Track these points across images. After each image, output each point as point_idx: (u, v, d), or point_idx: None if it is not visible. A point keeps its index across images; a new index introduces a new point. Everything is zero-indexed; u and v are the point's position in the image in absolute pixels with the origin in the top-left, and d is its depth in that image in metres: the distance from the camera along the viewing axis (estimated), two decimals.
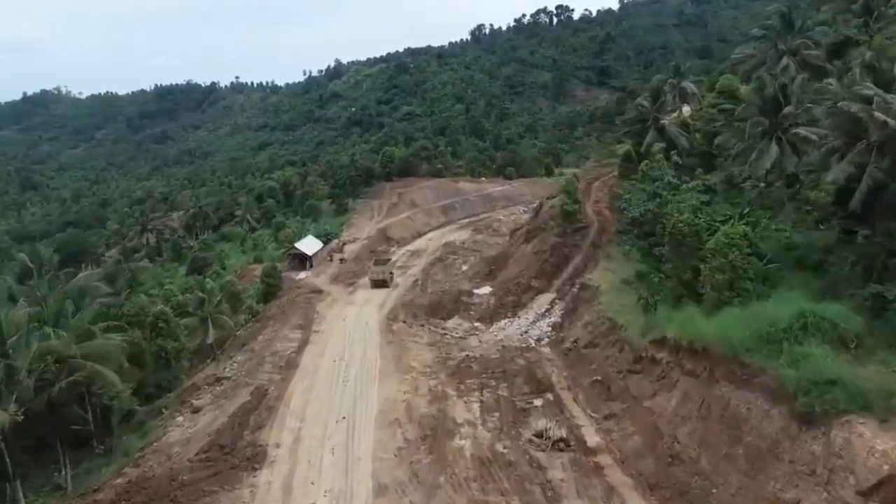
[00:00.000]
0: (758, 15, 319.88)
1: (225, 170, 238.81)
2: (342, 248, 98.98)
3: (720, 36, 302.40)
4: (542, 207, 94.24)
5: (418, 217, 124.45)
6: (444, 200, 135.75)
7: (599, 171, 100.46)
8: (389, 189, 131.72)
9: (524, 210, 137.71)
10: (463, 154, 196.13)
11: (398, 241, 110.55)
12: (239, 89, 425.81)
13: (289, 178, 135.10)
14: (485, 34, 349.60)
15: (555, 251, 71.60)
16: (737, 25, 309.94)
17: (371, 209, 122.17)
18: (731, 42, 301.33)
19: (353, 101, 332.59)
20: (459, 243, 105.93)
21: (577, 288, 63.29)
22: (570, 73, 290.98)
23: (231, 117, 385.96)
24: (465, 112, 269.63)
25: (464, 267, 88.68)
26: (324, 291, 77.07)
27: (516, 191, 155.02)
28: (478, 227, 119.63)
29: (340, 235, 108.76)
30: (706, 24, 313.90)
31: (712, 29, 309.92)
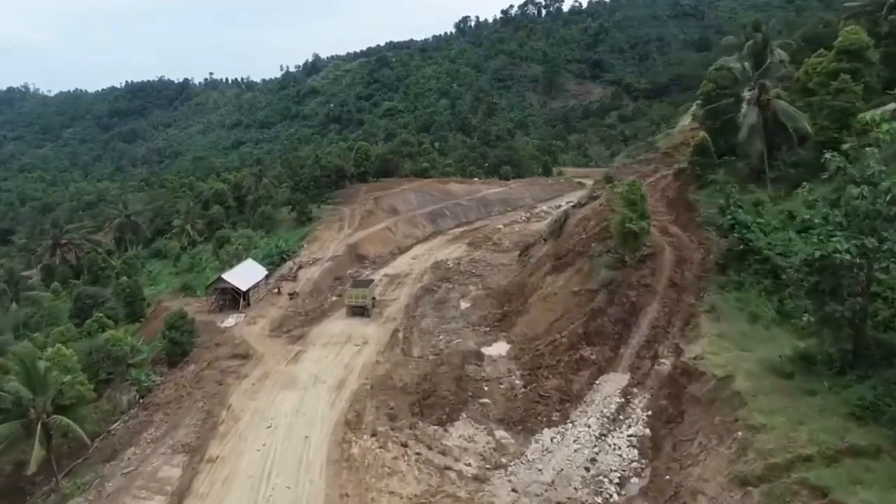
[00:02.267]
0: (756, 5, 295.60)
1: (187, 170, 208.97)
2: (295, 275, 70.77)
3: (717, 28, 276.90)
4: (567, 219, 66.70)
5: (399, 227, 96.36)
6: (430, 206, 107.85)
7: (638, 169, 72.90)
8: (364, 192, 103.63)
9: (526, 217, 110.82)
10: (450, 151, 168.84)
11: (373, 261, 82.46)
12: (213, 86, 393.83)
13: (240, 179, 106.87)
14: (470, 27, 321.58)
15: (613, 294, 43.92)
16: (734, 16, 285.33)
17: (340, 218, 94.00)
18: (729, 34, 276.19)
19: (332, 96, 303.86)
20: (453, 264, 78.18)
21: (670, 368, 35.84)
22: (562, 66, 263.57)
23: (204, 115, 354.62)
24: (450, 107, 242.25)
25: (462, 304, 60.85)
26: (253, 355, 48.74)
27: (514, 193, 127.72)
28: (474, 241, 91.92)
29: (298, 254, 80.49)
30: (702, 15, 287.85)
31: (709, 21, 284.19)
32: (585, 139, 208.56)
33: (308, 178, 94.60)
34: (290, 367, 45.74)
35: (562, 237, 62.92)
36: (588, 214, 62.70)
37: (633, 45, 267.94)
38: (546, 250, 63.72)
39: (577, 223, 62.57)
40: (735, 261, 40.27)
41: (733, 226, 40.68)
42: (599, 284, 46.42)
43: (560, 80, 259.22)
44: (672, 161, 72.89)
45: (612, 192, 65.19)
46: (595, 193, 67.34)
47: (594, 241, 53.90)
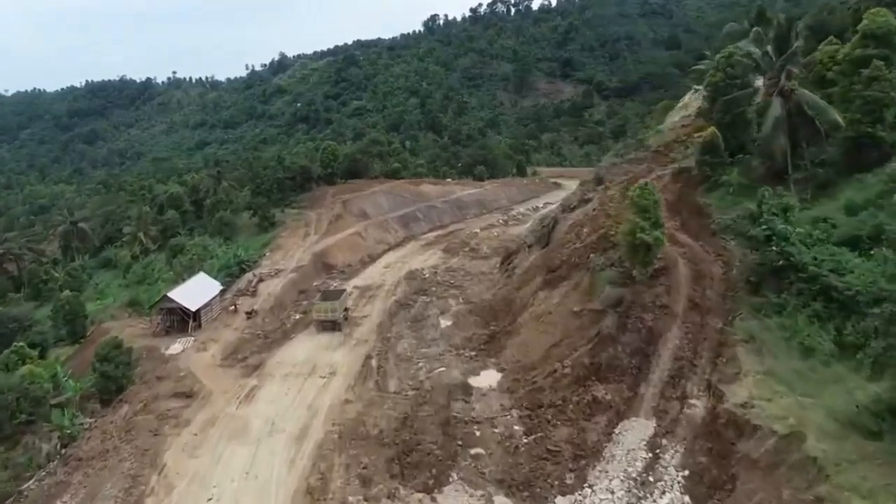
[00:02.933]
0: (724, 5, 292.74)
1: (148, 172, 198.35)
2: (255, 289, 62.76)
3: (686, 27, 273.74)
4: (556, 225, 59.71)
5: (370, 233, 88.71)
6: (403, 208, 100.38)
7: (629, 169, 66.11)
8: (332, 195, 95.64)
9: (503, 219, 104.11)
10: (422, 151, 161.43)
11: (342, 271, 74.81)
12: (176, 85, 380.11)
13: (198, 182, 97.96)
14: (439, 25, 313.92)
15: (624, 317, 36.88)
16: (702, 15, 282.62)
17: (306, 223, 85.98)
18: (698, 33, 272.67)
19: (299, 96, 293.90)
20: (429, 273, 70.95)
21: (704, 412, 28.99)
22: (532, 64, 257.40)
23: (167, 115, 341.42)
24: (420, 106, 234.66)
25: (443, 322, 53.55)
26: (199, 393, 40.82)
27: (489, 194, 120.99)
28: (450, 246, 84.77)
29: (259, 264, 72.45)
30: (671, 14, 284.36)
31: (677, 19, 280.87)
32: (559, 138, 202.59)
33: (270, 181, 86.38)
34: (243, 410, 37.86)
35: (551, 245, 55.94)
36: (580, 220, 55.79)
37: (603, 44, 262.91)
38: (534, 260, 56.63)
39: (569, 230, 55.62)
40: (772, 278, 33.50)
41: (770, 237, 33.88)
42: (605, 304, 39.39)
43: (531, 79, 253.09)
44: (665, 160, 66.33)
45: (605, 194, 58.61)
46: (586, 196, 60.52)
47: (592, 251, 46.95)
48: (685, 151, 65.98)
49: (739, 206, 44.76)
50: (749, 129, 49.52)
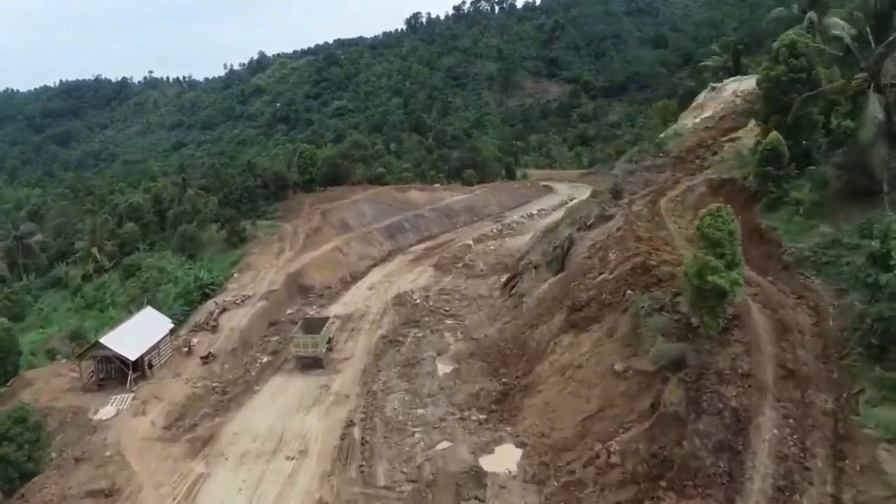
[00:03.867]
0: (711, 3, 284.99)
1: (118, 175, 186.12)
2: (216, 322, 52.13)
3: (672, 25, 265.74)
4: (572, 246, 49.78)
5: (352, 247, 78.42)
6: (388, 218, 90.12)
7: (650, 178, 56.35)
8: (310, 205, 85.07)
9: (497, 229, 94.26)
10: (406, 153, 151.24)
11: (320, 294, 64.56)
12: (153, 85, 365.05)
13: (161, 190, 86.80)
14: (422, 23, 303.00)
15: (693, 388, 26.96)
16: (689, 14, 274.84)
17: (280, 238, 75.42)
18: (685, 32, 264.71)
19: (278, 96, 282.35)
20: (419, 297, 61.04)
21: None
22: (518, 63, 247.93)
23: (143, 115, 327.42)
24: (403, 106, 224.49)
25: (440, 367, 43.54)
26: (124, 488, 30.29)
27: (480, 201, 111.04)
28: (442, 262, 74.90)
29: (225, 287, 61.90)
30: (657, 12, 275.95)
31: (663, 18, 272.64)
32: (547, 139, 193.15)
33: (240, 190, 75.66)
34: None
35: (568, 272, 46.06)
36: (602, 242, 45.92)
37: (589, 43, 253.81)
38: (548, 290, 46.71)
39: (589, 253, 45.76)
40: None
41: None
42: (658, 363, 29.63)
43: (516, 78, 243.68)
44: (690, 168, 56.86)
45: (630, 211, 48.83)
46: (606, 212, 50.59)
47: (628, 285, 37.09)
48: (714, 158, 56.66)
49: (815, 231, 35.21)
50: (812, 132, 40.01)
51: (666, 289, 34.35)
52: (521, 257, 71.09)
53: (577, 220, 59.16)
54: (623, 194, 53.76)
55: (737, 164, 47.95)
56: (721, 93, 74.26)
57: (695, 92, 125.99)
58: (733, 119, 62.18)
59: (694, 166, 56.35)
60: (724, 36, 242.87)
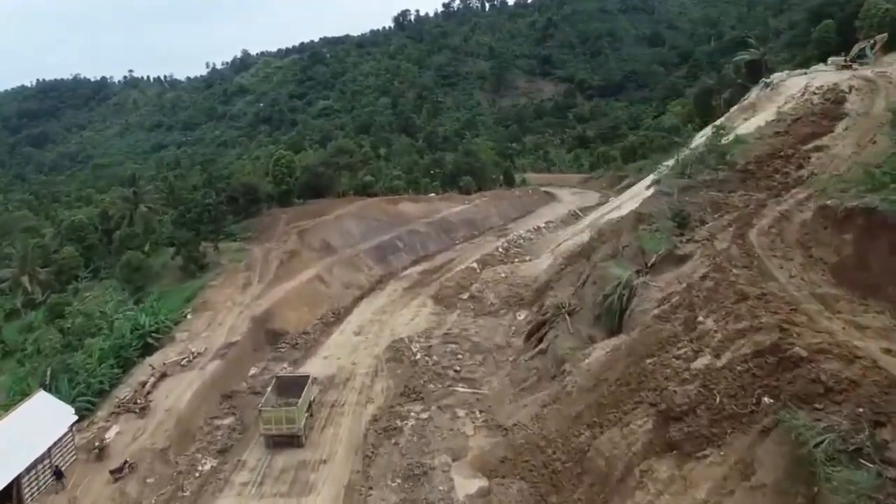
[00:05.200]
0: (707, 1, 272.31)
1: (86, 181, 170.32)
2: (146, 400, 37.49)
3: (668, 23, 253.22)
4: (632, 297, 35.73)
5: (335, 274, 64.27)
6: (378, 236, 76.14)
7: (718, 199, 42.25)
8: (286, 222, 70.66)
9: (503, 247, 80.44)
10: (396, 157, 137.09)
11: (295, 343, 50.26)
12: (133, 84, 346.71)
13: (108, 206, 71.40)
14: (410, 21, 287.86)
15: None
16: (684, 11, 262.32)
17: (248, 266, 61.03)
18: (681, 29, 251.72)
19: (262, 95, 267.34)
20: (420, 349, 47.35)
21: None
22: (510, 62, 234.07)
23: (123, 116, 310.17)
24: (391, 106, 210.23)
25: (460, 486, 29.47)
26: None
27: (479, 212, 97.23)
28: (443, 293, 61.21)
29: (173, 338, 47.50)
30: (653, 10, 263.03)
31: (659, 15, 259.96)
32: (543, 140, 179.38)
33: (199, 207, 61.10)
34: None
35: (637, 339, 31.96)
36: (683, 296, 31.94)
37: (584, 41, 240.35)
38: (606, 362, 32.66)
39: (665, 312, 31.81)
40: None
41: None
42: None
43: (509, 77, 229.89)
44: (765, 185, 43.16)
45: (715, 250, 34.79)
46: (678, 249, 36.43)
47: (759, 386, 23.18)
48: (799, 173, 42.91)
49: None
50: None
51: (842, 403, 20.56)
52: (541, 289, 57.44)
53: (618, 250, 45.53)
54: (689, 220, 39.87)
55: (860, 185, 34.10)
56: (778, 90, 60.65)
57: (713, 90, 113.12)
58: (812, 122, 48.48)
59: (775, 184, 42.60)
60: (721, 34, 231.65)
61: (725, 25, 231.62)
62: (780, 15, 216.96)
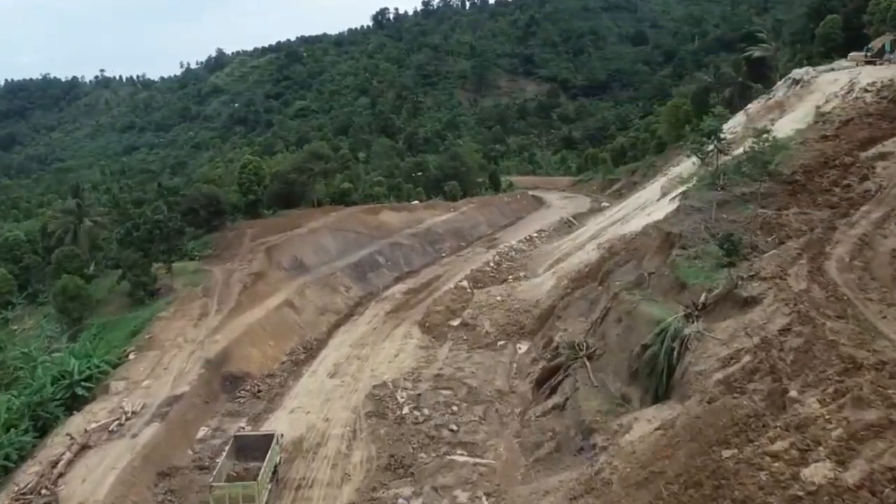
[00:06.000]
0: None
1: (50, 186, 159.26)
2: (51, 492, 28.38)
3: (652, 21, 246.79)
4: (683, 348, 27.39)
5: (309, 297, 55.57)
6: (357, 251, 67.69)
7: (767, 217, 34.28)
8: (252, 238, 61.61)
9: (493, 260, 72.40)
10: (375, 159, 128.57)
11: (257, 390, 41.29)
12: (104, 84, 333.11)
13: (49, 221, 61.62)
14: (389, 19, 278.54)
15: None
16: (667, 10, 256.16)
17: (206, 291, 52.00)
18: (665, 28, 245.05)
19: (237, 95, 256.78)
20: (408, 401, 38.71)
21: None
22: (492, 61, 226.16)
23: (94, 116, 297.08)
24: (370, 107, 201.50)
25: None
26: None
27: (466, 220, 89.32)
28: (431, 319, 53.10)
29: (107, 388, 38.49)
30: (635, 8, 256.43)
31: (642, 14, 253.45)
32: (528, 142, 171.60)
33: (150, 224, 51.90)
34: None
35: (700, 417, 23.53)
36: (759, 355, 23.69)
37: (567, 39, 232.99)
38: (655, 447, 24.19)
39: (735, 380, 23.53)
40: None
41: None
42: None
43: (490, 77, 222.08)
44: (823, 200, 35.35)
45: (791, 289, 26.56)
46: (740, 288, 28.07)
47: None
48: (864, 186, 35.00)
49: None
50: None
51: None
52: (544, 316, 49.39)
53: (644, 278, 37.36)
54: (739, 246, 31.70)
55: None
56: (809, 87, 52.87)
57: (710, 89, 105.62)
58: (869, 125, 40.65)
59: (836, 199, 34.72)
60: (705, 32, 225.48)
61: (709, 24, 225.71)
62: (763, 13, 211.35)
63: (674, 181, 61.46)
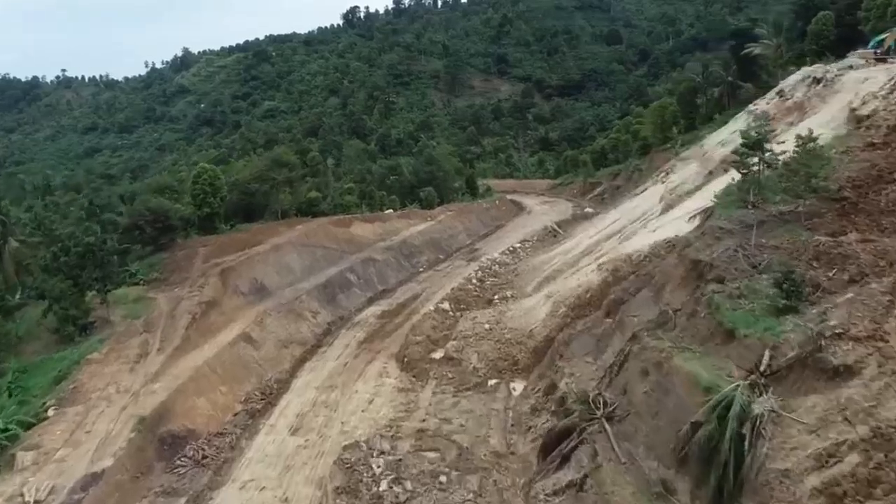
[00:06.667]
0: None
1: None
2: None
3: (625, 21, 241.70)
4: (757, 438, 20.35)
5: (269, 328, 47.75)
6: (325, 269, 60.09)
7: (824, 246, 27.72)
8: (205, 258, 53.53)
9: (475, 276, 65.55)
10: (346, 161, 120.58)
11: (200, 458, 33.29)
12: (66, 84, 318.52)
13: None
14: (359, 18, 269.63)
15: None
16: (641, 9, 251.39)
17: (147, 325, 44.02)
18: (638, 27, 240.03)
19: (204, 96, 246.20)
20: (386, 464, 31.15)
21: None
22: (465, 60, 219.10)
23: (55, 117, 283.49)
24: (341, 107, 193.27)
25: None
26: None
27: (445, 229, 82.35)
28: (409, 351, 46.43)
29: (12, 453, 30.49)
30: (609, 7, 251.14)
31: (615, 13, 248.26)
32: (504, 143, 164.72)
33: (82, 248, 43.66)
34: None
35: None
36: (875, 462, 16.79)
37: (540, 39, 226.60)
38: None
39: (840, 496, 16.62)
40: None
41: None
42: None
43: (464, 76, 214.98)
44: (882, 220, 28.79)
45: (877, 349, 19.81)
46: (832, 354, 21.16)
47: None
48: None
49: None
50: None
51: None
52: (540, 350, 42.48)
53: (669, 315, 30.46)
54: (801, 287, 24.86)
55: None
56: (833, 87, 46.44)
57: (697, 89, 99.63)
58: None
59: None
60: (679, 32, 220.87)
61: (683, 24, 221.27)
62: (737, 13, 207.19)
63: (676, 191, 54.84)
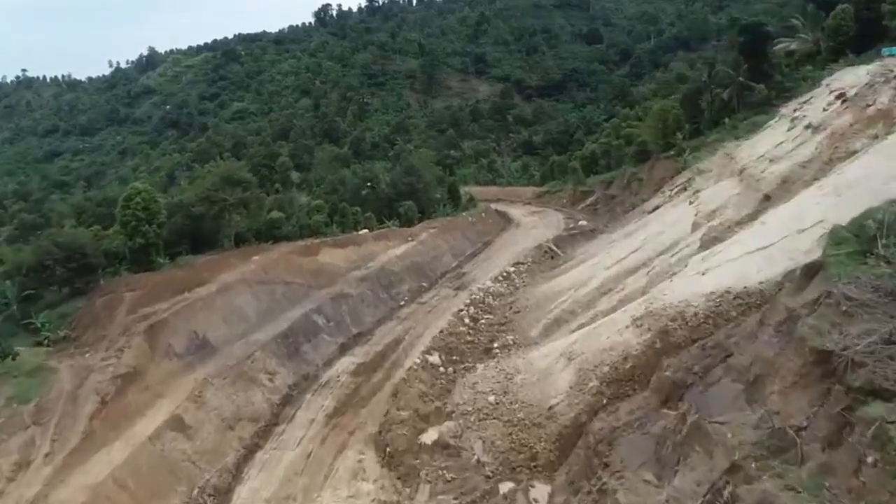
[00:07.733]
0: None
1: None
2: None
3: (605, 19, 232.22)
4: None
5: (209, 405, 35.80)
6: (287, 312, 48.34)
7: None
8: (129, 308, 41.57)
9: (467, 309, 53.52)
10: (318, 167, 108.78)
11: None
12: (27, 84, 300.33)
13: None
14: (332, 16, 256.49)
15: None
16: (620, 8, 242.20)
17: (39, 412, 32.21)
18: (618, 27, 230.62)
19: (170, 97, 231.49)
20: None
21: None
22: (441, 60, 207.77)
23: (14, 119, 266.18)
24: (313, 108, 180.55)
25: None
26: None
27: (428, 251, 70.93)
28: (393, 435, 34.47)
29: None
30: (588, 6, 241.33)
31: (595, 12, 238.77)
32: (485, 146, 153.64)
33: None
34: None
35: None
36: None
37: (519, 38, 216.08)
38: None
39: None
40: None
41: None
42: None
43: (440, 77, 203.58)
44: None
45: None
46: None
47: None
48: None
49: None
50: None
51: None
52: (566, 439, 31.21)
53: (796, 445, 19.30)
54: None
55: None
56: None
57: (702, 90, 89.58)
58: None
59: None
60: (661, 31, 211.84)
61: (664, 22, 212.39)
62: (718, 12, 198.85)
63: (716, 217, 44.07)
